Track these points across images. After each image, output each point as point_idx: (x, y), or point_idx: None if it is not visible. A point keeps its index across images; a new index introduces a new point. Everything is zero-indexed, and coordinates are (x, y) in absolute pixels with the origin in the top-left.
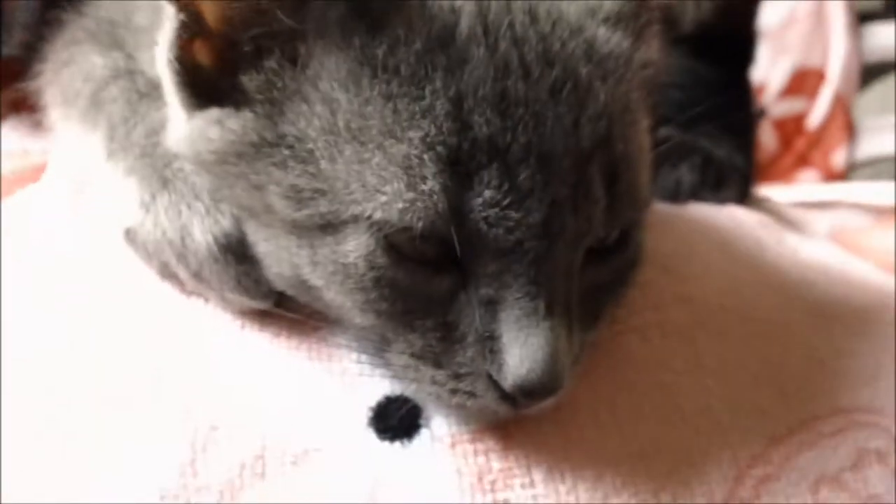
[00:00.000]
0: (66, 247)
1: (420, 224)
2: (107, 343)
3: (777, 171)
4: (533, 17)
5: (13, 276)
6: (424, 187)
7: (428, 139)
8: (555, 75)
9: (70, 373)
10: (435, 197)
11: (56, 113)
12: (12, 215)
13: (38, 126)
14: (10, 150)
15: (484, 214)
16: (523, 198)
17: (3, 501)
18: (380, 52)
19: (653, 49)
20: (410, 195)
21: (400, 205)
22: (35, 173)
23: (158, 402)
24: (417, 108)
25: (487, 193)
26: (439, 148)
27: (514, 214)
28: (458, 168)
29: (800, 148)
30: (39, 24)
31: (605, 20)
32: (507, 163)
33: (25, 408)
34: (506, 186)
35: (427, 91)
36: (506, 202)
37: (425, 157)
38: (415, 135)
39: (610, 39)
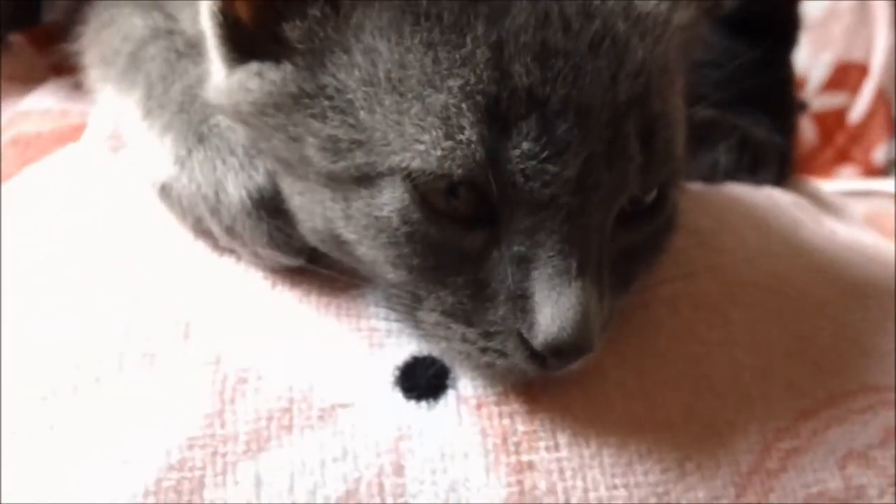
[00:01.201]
0: (101, 204)
1: (459, 171)
2: (138, 296)
3: (816, 165)
4: None
5: (50, 234)
6: (462, 136)
7: (467, 88)
8: (594, 29)
9: (101, 323)
10: (473, 146)
11: (95, 73)
12: (51, 174)
13: (77, 87)
14: (50, 110)
15: (521, 166)
16: (560, 151)
17: (28, 454)
18: None
19: (690, 12)
20: (449, 143)
21: (438, 152)
22: (74, 132)
23: (188, 352)
24: (458, 56)
25: (525, 145)
26: (478, 97)
27: (550, 168)
28: (497, 118)
29: (840, 143)
30: None
31: None
32: (545, 115)
33: (54, 357)
34: (544, 139)
35: (468, 39)
36: (543, 155)
37: (464, 105)
38: (454, 83)
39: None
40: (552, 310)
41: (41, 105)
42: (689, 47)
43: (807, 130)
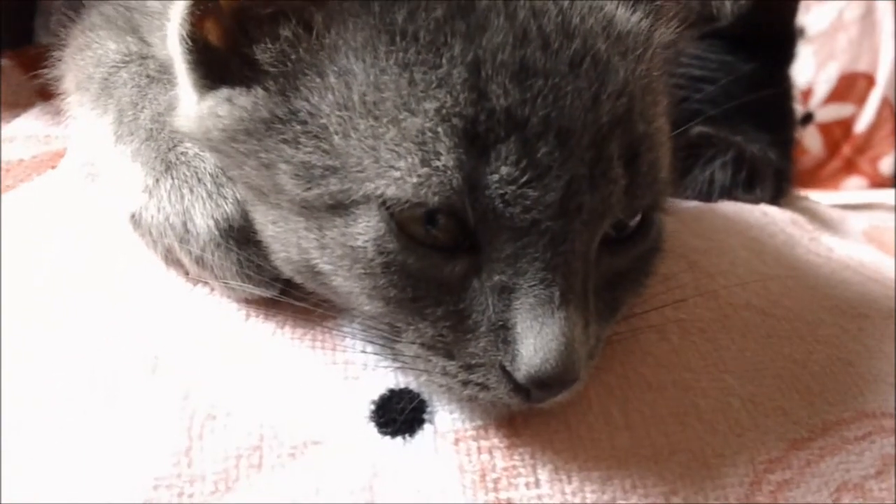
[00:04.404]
0: (74, 233)
1: (436, 199)
2: (105, 329)
3: (823, 176)
4: None
5: (20, 264)
6: (439, 163)
7: (444, 111)
8: (574, 48)
9: (66, 356)
10: (450, 172)
11: (72, 99)
12: (26, 202)
13: (61, 113)
14: (35, 136)
15: (501, 192)
16: (541, 175)
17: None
18: (399, 17)
19: (672, 30)
20: (425, 170)
21: (414, 179)
22: (54, 158)
23: (156, 388)
24: (434, 77)
25: (504, 170)
26: (455, 120)
27: (531, 192)
28: (475, 142)
29: (846, 153)
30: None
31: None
32: (525, 137)
33: (21, 396)
34: (524, 163)
35: (444, 59)
36: (523, 179)
37: (440, 129)
38: (430, 106)
39: (629, 18)
40: (535, 341)
41: (26, 130)
42: (672, 65)
43: (813, 141)
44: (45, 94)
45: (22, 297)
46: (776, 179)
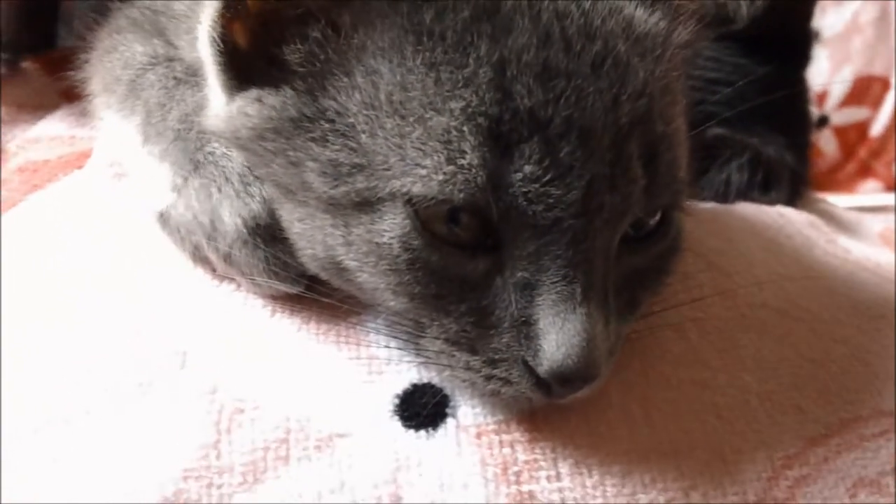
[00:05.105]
0: (101, 232)
1: (461, 196)
2: (135, 325)
3: (838, 179)
4: None
5: (49, 263)
6: (464, 161)
7: (469, 110)
8: (596, 49)
9: (97, 352)
10: (474, 170)
11: (99, 100)
12: (54, 201)
13: (86, 114)
14: (60, 136)
15: (524, 190)
16: (563, 174)
17: (24, 479)
18: (427, 17)
19: (689, 30)
20: (450, 168)
21: (440, 177)
22: (80, 159)
23: (184, 382)
24: (460, 77)
25: (528, 168)
26: (480, 119)
27: (553, 191)
28: (499, 141)
29: (862, 156)
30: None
31: (643, 0)
32: (547, 136)
33: (48, 388)
34: (546, 161)
35: (471, 59)
36: (546, 178)
37: (466, 128)
38: (456, 105)
39: (647, 20)
40: (557, 337)
41: (51, 131)
42: (690, 65)
43: (828, 145)
44: (69, 96)
45: (49, 295)
46: (792, 182)
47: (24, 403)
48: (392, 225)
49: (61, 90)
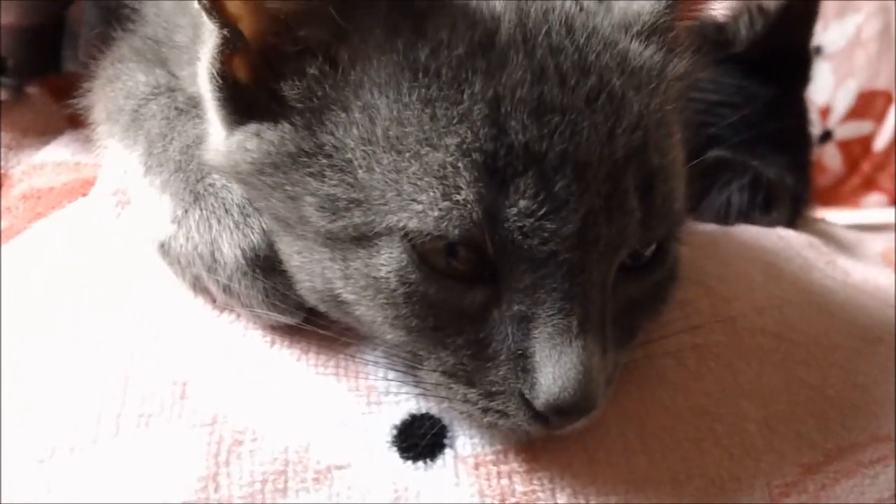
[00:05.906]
0: (103, 261)
1: (455, 233)
2: (136, 355)
3: (842, 194)
4: (569, 28)
5: (51, 292)
6: (459, 196)
7: (464, 146)
8: (590, 84)
9: (99, 382)
10: (470, 206)
11: (102, 129)
12: (57, 229)
13: (91, 140)
14: (65, 162)
15: (519, 224)
16: (559, 207)
17: None
18: (423, 54)
19: (686, 62)
20: (446, 204)
21: (435, 213)
22: (84, 186)
23: (184, 413)
24: (455, 113)
25: (523, 203)
26: (475, 154)
27: (549, 225)
28: (494, 176)
29: (866, 170)
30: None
31: (638, 34)
32: (542, 171)
33: (51, 418)
34: (542, 196)
35: (465, 95)
36: (541, 212)
37: (461, 164)
38: (451, 141)
39: (642, 53)
40: (553, 370)
41: (56, 157)
42: (687, 96)
43: (832, 159)
44: (74, 122)
45: (52, 324)
46: (793, 202)
47: (27, 434)
48: (389, 259)
49: (66, 115)
